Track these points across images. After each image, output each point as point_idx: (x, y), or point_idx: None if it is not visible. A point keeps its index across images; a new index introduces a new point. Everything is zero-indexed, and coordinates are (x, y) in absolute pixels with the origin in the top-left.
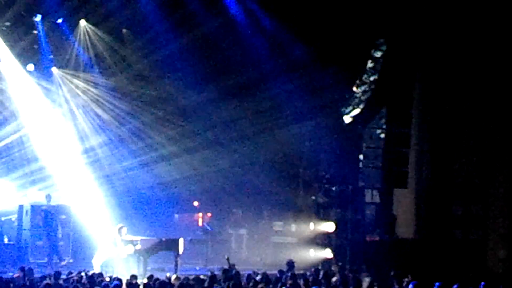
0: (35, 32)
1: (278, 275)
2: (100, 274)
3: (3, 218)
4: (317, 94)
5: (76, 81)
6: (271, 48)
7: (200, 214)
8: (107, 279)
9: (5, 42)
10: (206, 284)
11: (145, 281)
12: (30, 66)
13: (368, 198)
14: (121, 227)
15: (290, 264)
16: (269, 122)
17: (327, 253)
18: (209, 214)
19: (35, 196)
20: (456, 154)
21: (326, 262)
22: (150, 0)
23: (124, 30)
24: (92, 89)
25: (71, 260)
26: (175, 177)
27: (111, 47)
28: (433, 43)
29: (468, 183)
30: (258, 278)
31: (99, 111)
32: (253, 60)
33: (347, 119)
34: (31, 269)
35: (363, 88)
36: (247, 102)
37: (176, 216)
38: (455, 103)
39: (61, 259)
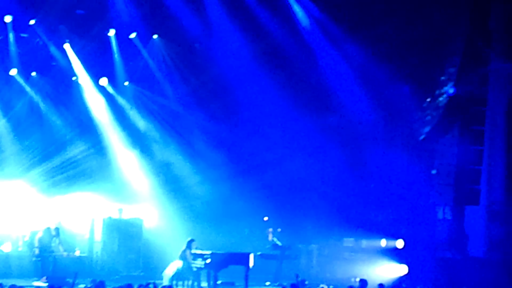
0: (109, 47)
1: None
2: (170, 287)
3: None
4: (390, 110)
5: (148, 95)
6: (342, 61)
7: (270, 229)
8: None
9: (79, 57)
10: None
11: None
12: (104, 81)
13: (440, 215)
14: (191, 241)
15: (363, 282)
16: (341, 136)
17: (398, 270)
18: (279, 229)
19: (108, 209)
20: None
21: (397, 279)
22: (223, 16)
23: (196, 45)
24: (165, 103)
25: (141, 273)
26: (246, 191)
27: (183, 61)
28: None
29: None
30: None
31: (172, 125)
32: (325, 74)
33: (419, 135)
34: (102, 282)
35: (435, 104)
36: (319, 116)
37: (246, 230)
38: None
39: (131, 272)
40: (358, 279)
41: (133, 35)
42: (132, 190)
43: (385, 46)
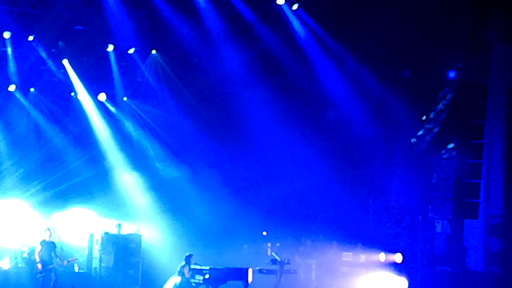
0: (107, 62)
1: None
2: None
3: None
4: (388, 124)
5: (147, 110)
6: (340, 75)
7: (269, 244)
8: None
9: (77, 72)
10: None
11: None
12: (102, 96)
13: (438, 229)
14: (189, 256)
15: None
16: (338, 151)
17: (397, 284)
18: (277, 244)
19: (106, 225)
20: None
21: None
22: (222, 30)
23: (194, 60)
24: (163, 119)
25: None
26: (244, 206)
27: (181, 76)
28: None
29: None
30: None
31: (171, 140)
32: (323, 88)
33: (417, 149)
34: None
35: (432, 117)
36: (316, 131)
37: (245, 245)
38: None
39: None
40: None
41: (131, 51)
42: (131, 207)
43: (382, 58)
